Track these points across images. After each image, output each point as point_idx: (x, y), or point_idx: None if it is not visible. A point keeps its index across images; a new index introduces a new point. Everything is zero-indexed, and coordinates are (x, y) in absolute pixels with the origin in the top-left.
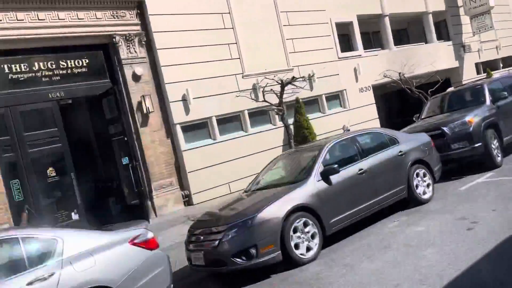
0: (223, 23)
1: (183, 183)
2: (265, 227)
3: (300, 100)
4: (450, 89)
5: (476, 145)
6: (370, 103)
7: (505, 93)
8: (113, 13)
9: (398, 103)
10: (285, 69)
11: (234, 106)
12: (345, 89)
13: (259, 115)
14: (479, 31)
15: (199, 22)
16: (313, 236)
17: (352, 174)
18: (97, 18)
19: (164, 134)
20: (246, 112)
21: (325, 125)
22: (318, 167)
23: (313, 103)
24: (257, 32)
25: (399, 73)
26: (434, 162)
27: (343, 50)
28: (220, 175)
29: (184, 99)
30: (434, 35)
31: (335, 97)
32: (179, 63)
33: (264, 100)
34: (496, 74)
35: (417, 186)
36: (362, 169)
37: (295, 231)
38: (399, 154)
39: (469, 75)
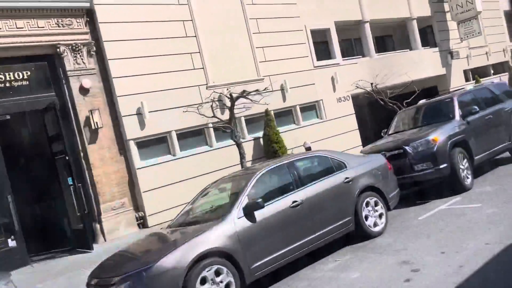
0: (185, 31)
1: (137, 204)
2: (164, 280)
3: (272, 112)
4: (421, 102)
5: (441, 166)
6: (349, 114)
7: (476, 107)
8: (57, 21)
9: (378, 114)
10: (254, 79)
11: (198, 119)
12: (322, 99)
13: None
14: (467, 36)
15: (157, 30)
16: (227, 286)
17: (283, 208)
18: (39, 27)
19: (116, 151)
20: (210, 126)
21: (300, 137)
22: (242, 201)
23: (286, 114)
24: (223, 40)
25: (371, 84)
26: (390, 188)
27: (320, 58)
28: (179, 194)
29: (139, 113)
30: (419, 42)
31: (311, 108)
32: (134, 74)
33: (214, 116)
34: (485, 81)
35: (366, 217)
36: (296, 200)
37: (203, 282)
38: (346, 181)
39: (457, 83)
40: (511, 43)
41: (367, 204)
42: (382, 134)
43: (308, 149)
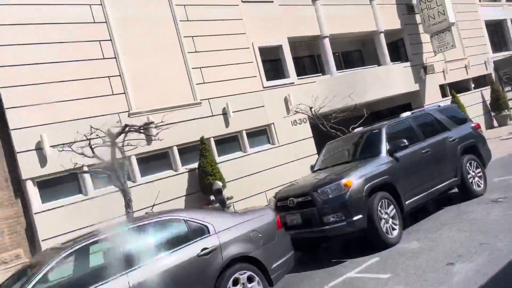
0: (102, 52)
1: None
2: None
3: (212, 140)
4: (356, 130)
5: (355, 218)
6: (306, 137)
7: (404, 140)
8: None
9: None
10: (190, 103)
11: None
12: (273, 123)
13: (155, 160)
14: (440, 50)
15: (66, 52)
16: None
17: None
18: None
19: (10, 193)
20: (134, 158)
21: (247, 166)
22: None
23: (230, 141)
24: (150, 61)
25: (310, 108)
26: (275, 255)
27: (271, 78)
28: None
29: (39, 148)
30: (387, 57)
31: (262, 133)
32: (32, 103)
33: (94, 156)
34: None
35: None
36: None
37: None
38: (202, 253)
39: (433, 99)
40: (494, 55)
41: (236, 282)
42: (310, 168)
43: (218, 191)
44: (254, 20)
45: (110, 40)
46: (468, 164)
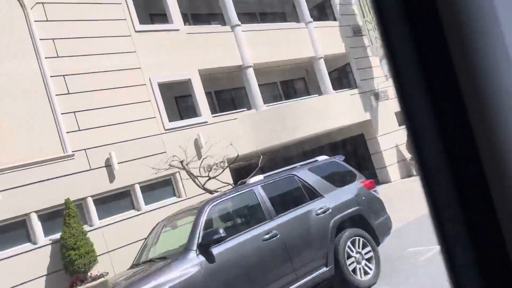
0: None
1: None
2: None
3: (89, 200)
4: (180, 210)
5: None
6: (225, 186)
7: (221, 230)
8: None
9: None
10: (57, 157)
11: None
12: (178, 171)
13: (8, 231)
14: None
15: None
16: None
17: None
18: None
19: None
20: None
21: (143, 226)
22: None
23: (118, 198)
24: (2, 106)
25: (181, 161)
26: None
27: (177, 118)
28: None
29: None
30: (329, 85)
31: (164, 184)
32: None
33: None
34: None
35: None
36: None
37: None
38: None
39: (388, 128)
40: None
41: None
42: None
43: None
44: (153, 52)
45: None
46: (349, 244)
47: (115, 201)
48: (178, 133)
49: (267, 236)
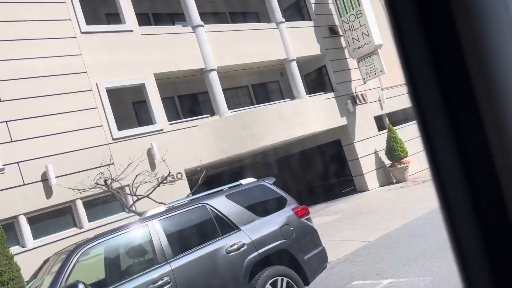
0: None
1: None
2: None
3: (23, 217)
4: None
5: None
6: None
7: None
8: None
9: None
10: None
11: None
12: (128, 185)
13: None
14: (369, 76)
15: None
16: None
17: None
18: None
19: None
20: None
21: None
22: None
23: (57, 215)
24: None
25: (105, 181)
26: None
27: (133, 125)
28: None
29: None
30: (302, 89)
31: (113, 198)
32: None
33: None
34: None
35: None
36: None
37: None
38: None
39: (367, 133)
40: None
41: None
42: None
43: None
44: (102, 55)
45: None
46: (268, 287)
47: (53, 218)
48: (129, 142)
49: (154, 286)
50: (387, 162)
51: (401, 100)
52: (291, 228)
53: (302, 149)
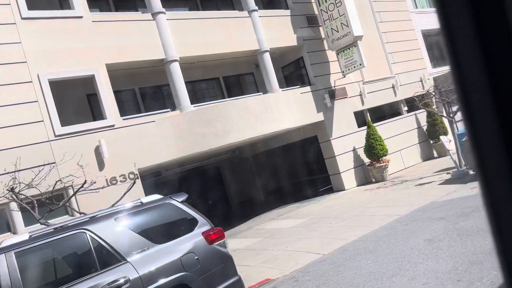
0: None
1: None
2: None
3: None
4: None
5: None
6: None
7: None
8: None
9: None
10: None
11: None
12: (71, 186)
13: None
14: (348, 70)
15: None
16: None
17: None
18: None
19: None
20: None
21: None
22: None
23: None
24: None
25: (12, 188)
26: None
27: (87, 119)
28: None
29: None
30: (275, 82)
31: (58, 198)
32: None
33: None
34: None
35: None
36: None
37: None
38: None
39: (346, 129)
40: (434, 70)
41: None
42: None
43: None
44: (45, 44)
45: None
46: None
47: None
48: (75, 139)
49: None
50: (366, 160)
51: (384, 95)
52: (196, 257)
53: (282, 144)
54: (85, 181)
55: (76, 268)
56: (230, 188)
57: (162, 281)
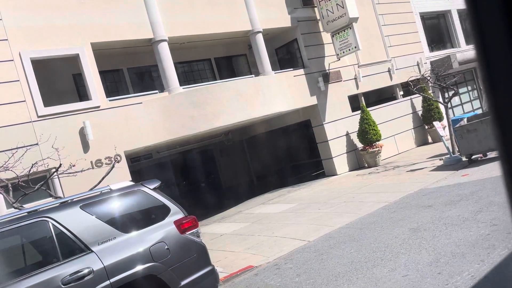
0: None
1: None
2: None
3: None
4: None
5: None
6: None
7: None
8: None
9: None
10: None
11: None
12: (55, 167)
13: None
14: (342, 52)
15: None
16: None
17: None
18: None
19: None
20: None
21: None
22: None
23: None
24: None
25: None
26: None
27: (73, 100)
28: None
29: None
30: (267, 64)
31: (35, 183)
32: None
33: None
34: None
35: None
36: None
37: None
38: None
39: (339, 113)
40: (432, 54)
41: None
42: None
43: None
44: (27, 20)
45: None
46: None
47: None
48: (59, 120)
49: None
50: (360, 145)
51: (379, 79)
52: (167, 247)
53: (275, 128)
54: (60, 164)
55: (36, 258)
56: (223, 171)
57: (128, 272)
